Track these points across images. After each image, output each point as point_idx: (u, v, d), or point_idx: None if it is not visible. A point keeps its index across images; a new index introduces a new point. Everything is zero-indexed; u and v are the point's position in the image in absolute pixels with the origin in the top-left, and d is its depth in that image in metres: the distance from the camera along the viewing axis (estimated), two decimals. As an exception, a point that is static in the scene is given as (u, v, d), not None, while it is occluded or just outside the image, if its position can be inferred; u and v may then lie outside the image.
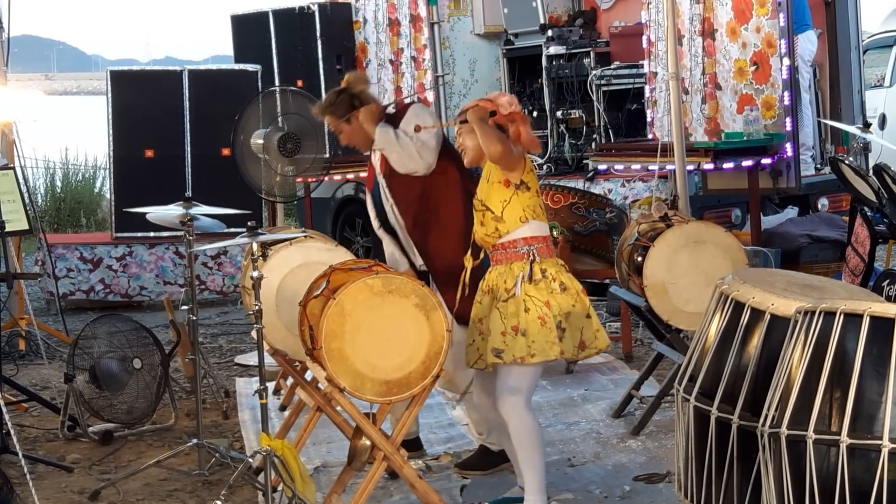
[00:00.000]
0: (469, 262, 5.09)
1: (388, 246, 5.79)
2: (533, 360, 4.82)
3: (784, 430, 3.31)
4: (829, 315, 3.31)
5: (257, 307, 4.91)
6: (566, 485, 5.46)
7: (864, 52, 10.86)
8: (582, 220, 7.67)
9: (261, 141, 7.51)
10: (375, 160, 5.76)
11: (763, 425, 3.44)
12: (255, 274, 4.89)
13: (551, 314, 4.80)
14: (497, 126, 4.86)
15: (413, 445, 5.79)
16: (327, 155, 8.10)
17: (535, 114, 10.74)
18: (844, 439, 3.18)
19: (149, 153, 10.49)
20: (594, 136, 10.11)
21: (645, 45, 9.41)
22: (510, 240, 4.88)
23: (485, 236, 4.95)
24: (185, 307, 6.06)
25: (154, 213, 6.10)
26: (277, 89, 8.18)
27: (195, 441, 5.75)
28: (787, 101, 8.43)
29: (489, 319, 4.88)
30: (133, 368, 6.67)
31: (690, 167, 8.06)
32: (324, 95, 10.53)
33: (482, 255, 5.08)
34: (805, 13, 9.30)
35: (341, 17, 11.26)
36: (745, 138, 8.56)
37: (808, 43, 9.42)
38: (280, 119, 7.54)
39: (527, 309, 4.81)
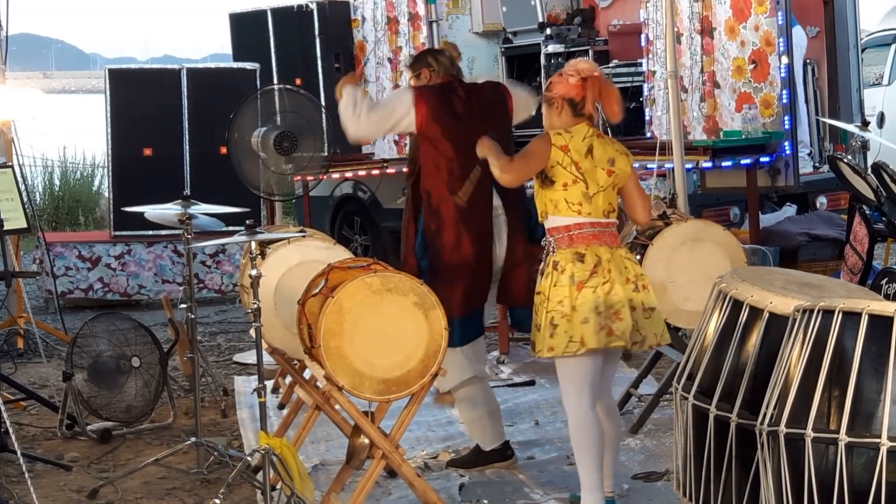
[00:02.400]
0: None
1: None
2: (538, 355, 4.86)
3: (782, 429, 3.31)
4: (828, 313, 3.31)
5: (256, 305, 4.91)
6: (565, 483, 5.46)
7: (863, 50, 10.86)
8: (580, 218, 7.64)
9: (256, 139, 7.50)
10: None
11: (761, 424, 3.44)
12: (254, 272, 4.88)
13: (547, 309, 4.79)
14: (571, 103, 4.93)
15: (503, 453, 5.77)
16: (325, 153, 8.08)
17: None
18: (843, 438, 3.18)
19: (147, 151, 10.49)
20: (593, 134, 10.09)
21: (643, 43, 9.41)
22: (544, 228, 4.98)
23: None
24: (183, 305, 6.06)
25: (152, 211, 6.10)
26: (275, 88, 8.17)
27: (194, 439, 5.75)
28: (785, 100, 8.43)
29: None
30: (131, 367, 6.67)
31: (689, 165, 8.06)
32: (322, 94, 10.59)
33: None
34: None
35: (340, 16, 11.26)
36: (743, 137, 8.55)
37: (801, 38, 9.43)
38: (278, 117, 7.54)
39: (539, 303, 4.86)
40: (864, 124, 7.73)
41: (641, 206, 5.06)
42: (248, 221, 5.07)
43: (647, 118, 9.45)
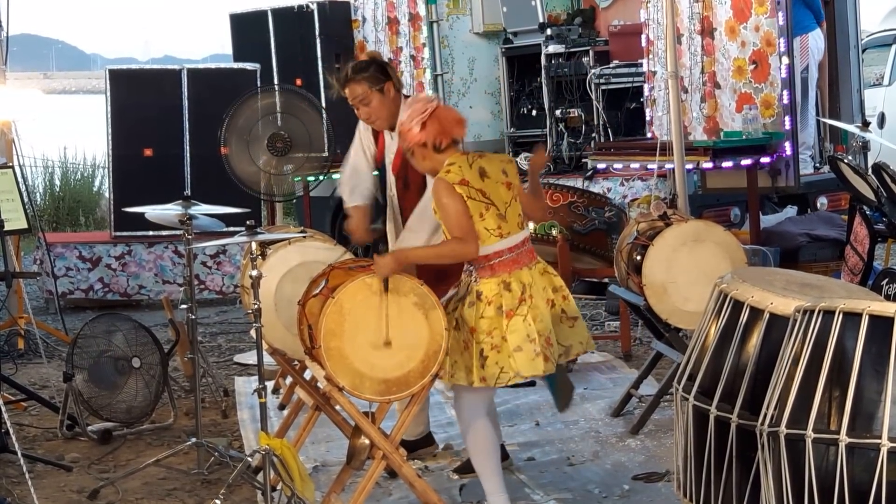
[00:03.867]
0: None
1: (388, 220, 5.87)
2: (452, 380, 4.86)
3: (783, 429, 3.31)
4: (828, 314, 3.31)
5: (256, 306, 4.91)
6: (565, 484, 5.46)
7: (864, 50, 10.86)
8: (581, 218, 7.67)
9: (249, 139, 7.48)
10: (391, 147, 5.70)
11: (762, 424, 3.44)
12: (254, 273, 4.88)
13: (472, 340, 4.78)
14: (428, 146, 4.84)
15: (427, 441, 5.82)
16: (326, 154, 8.07)
17: (534, 113, 10.76)
18: (843, 438, 3.18)
19: (148, 152, 10.48)
20: (593, 134, 10.11)
21: (644, 43, 9.42)
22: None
23: None
24: (183, 306, 6.05)
25: (153, 211, 6.10)
26: (273, 87, 8.16)
27: (194, 440, 5.75)
28: (786, 100, 8.43)
29: None
30: (132, 367, 6.67)
31: (689, 166, 8.07)
32: (322, 94, 10.57)
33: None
34: (816, 13, 9.35)
35: (340, 16, 11.26)
36: (743, 137, 8.56)
37: (820, 41, 9.45)
38: (277, 117, 7.53)
39: (457, 328, 4.83)
40: (865, 125, 7.73)
41: (539, 204, 5.16)
42: (248, 222, 5.07)
43: (647, 119, 9.47)
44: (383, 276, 4.75)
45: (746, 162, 8.55)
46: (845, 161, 7.33)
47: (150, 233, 10.13)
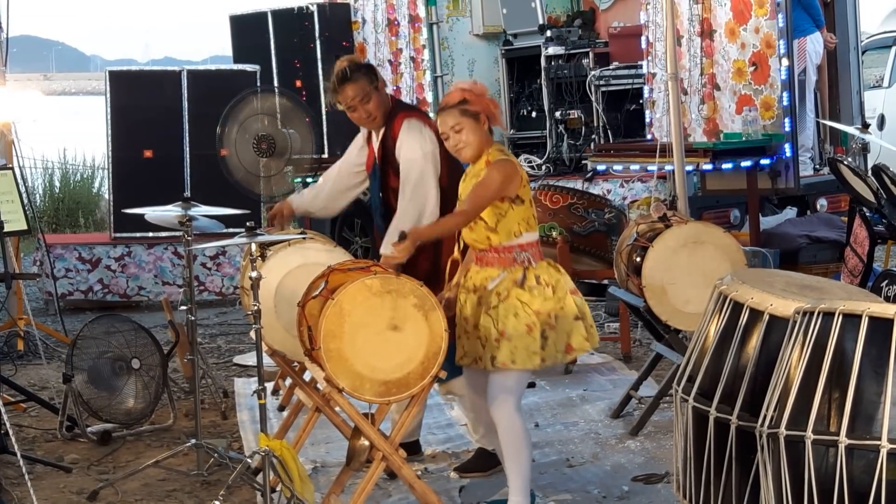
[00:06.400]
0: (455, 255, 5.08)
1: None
2: (514, 366, 4.81)
3: (783, 431, 3.31)
4: (828, 315, 3.31)
5: (256, 307, 4.90)
6: (564, 485, 5.46)
7: (863, 52, 10.87)
8: (580, 220, 7.67)
9: (237, 140, 7.48)
10: (375, 144, 5.73)
11: (762, 426, 3.44)
12: (254, 274, 4.88)
13: (538, 322, 4.79)
14: (473, 115, 4.84)
15: (412, 448, 5.79)
16: (321, 155, 8.06)
17: (533, 114, 10.77)
18: (843, 440, 3.18)
19: (147, 153, 10.49)
20: (593, 136, 10.12)
21: (644, 45, 9.42)
22: (504, 246, 4.85)
23: (473, 241, 4.91)
24: (183, 307, 6.05)
25: (152, 213, 6.10)
26: (276, 88, 8.15)
27: (194, 441, 5.74)
28: (785, 102, 8.43)
29: (483, 327, 4.86)
30: (131, 369, 6.67)
31: (689, 168, 8.07)
32: (322, 96, 10.57)
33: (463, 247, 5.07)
34: (815, 17, 9.36)
35: (340, 18, 11.27)
36: (743, 139, 8.56)
37: (818, 45, 9.46)
38: (255, 118, 7.51)
39: (515, 314, 4.80)
40: (865, 126, 7.74)
41: None
42: (248, 223, 5.07)
43: (647, 120, 9.46)
44: (402, 260, 4.84)
45: (746, 163, 8.55)
46: (845, 163, 7.33)
47: (150, 234, 10.14)
